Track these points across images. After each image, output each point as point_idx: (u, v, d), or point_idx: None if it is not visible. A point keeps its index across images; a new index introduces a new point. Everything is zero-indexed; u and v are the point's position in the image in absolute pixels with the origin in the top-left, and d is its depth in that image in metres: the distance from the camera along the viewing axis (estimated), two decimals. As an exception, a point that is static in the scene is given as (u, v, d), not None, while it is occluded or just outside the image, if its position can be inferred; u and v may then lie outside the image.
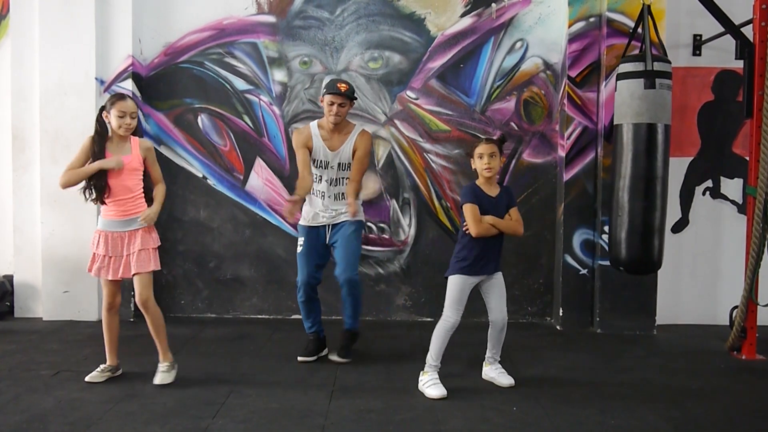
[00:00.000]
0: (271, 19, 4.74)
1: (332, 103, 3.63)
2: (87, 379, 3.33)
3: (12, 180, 4.73)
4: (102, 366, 3.40)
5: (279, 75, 4.76)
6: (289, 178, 4.78)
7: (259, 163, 4.80)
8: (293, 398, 3.13)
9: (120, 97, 3.27)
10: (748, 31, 3.90)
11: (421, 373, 3.29)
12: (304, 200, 3.75)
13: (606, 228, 4.36)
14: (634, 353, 3.96)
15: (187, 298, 4.87)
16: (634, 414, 2.98)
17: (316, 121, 3.81)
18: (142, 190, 3.33)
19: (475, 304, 4.65)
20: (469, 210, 3.22)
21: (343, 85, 3.66)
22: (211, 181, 4.79)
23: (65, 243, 4.58)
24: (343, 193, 3.73)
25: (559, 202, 4.61)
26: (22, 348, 3.93)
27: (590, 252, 4.54)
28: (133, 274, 3.25)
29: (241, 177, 4.81)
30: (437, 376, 3.24)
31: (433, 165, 4.75)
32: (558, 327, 4.59)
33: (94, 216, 4.61)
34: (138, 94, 4.68)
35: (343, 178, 3.74)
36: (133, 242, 3.26)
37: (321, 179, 3.74)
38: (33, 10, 4.58)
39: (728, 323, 4.11)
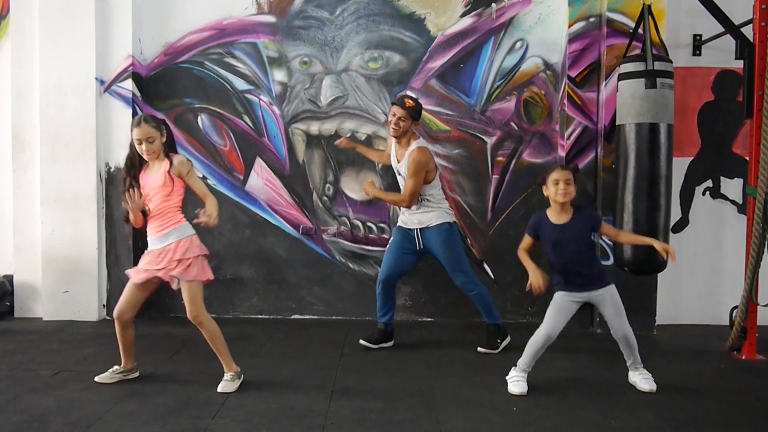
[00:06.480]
0: (271, 19, 4.73)
1: (394, 114, 3.82)
2: (97, 379, 3.29)
3: (12, 180, 4.73)
4: (115, 367, 3.35)
5: (279, 75, 4.76)
6: (289, 178, 4.79)
7: (259, 163, 4.80)
8: (293, 398, 3.13)
9: (136, 122, 3.14)
10: (748, 31, 3.90)
11: (513, 367, 3.32)
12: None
13: (606, 228, 4.36)
14: (634, 353, 3.95)
15: (187, 298, 4.85)
16: (634, 414, 2.98)
17: None
18: (180, 202, 3.23)
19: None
20: (523, 238, 3.37)
21: (410, 101, 3.84)
22: (211, 181, 4.79)
23: (65, 243, 4.59)
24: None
25: (559, 202, 4.60)
26: (22, 348, 3.93)
27: (590, 252, 4.54)
28: (177, 288, 3.20)
29: (241, 177, 4.81)
30: (524, 375, 3.27)
31: (433, 165, 4.74)
32: (558, 327, 4.58)
33: (94, 216, 4.63)
34: (138, 94, 4.69)
35: None
36: (173, 254, 3.18)
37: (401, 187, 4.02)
38: (33, 10, 4.58)
39: (728, 323, 4.11)
